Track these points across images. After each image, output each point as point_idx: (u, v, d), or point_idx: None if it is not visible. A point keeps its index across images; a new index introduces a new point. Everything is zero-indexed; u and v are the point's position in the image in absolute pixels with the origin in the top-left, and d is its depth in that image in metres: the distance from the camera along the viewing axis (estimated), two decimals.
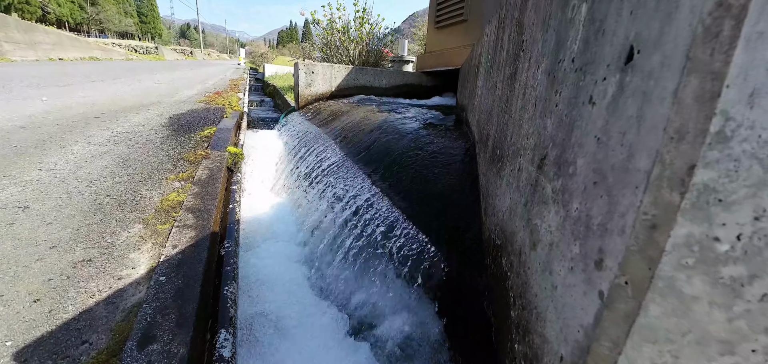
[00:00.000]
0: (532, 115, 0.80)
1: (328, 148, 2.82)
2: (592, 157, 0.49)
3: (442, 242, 1.44)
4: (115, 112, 3.69)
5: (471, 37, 5.18)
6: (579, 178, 0.52)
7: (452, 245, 1.41)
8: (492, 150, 1.33)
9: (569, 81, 0.60)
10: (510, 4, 1.25)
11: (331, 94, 5.58)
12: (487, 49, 1.84)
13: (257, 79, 16.71)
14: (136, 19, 50.15)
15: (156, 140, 2.61)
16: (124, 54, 24.29)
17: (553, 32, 0.71)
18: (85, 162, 2.02)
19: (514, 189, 0.92)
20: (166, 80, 8.28)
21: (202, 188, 1.69)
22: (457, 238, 1.43)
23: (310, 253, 1.82)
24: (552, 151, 0.65)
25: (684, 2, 0.33)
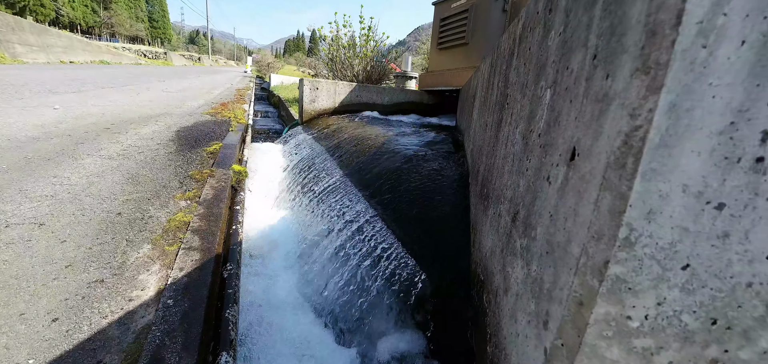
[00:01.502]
0: (511, 169, 0.89)
1: (329, 168, 2.92)
2: (546, 229, 0.57)
3: (434, 270, 1.52)
4: (125, 124, 3.82)
5: (471, 60, 5.32)
6: (537, 244, 0.61)
7: (443, 273, 1.49)
8: (481, 186, 1.41)
9: (536, 153, 0.69)
10: (501, 53, 1.35)
11: (334, 109, 5.71)
12: (482, 86, 1.95)
13: (263, 88, 16.98)
14: (147, 24, 51.29)
15: (164, 156, 2.72)
16: (134, 58, 24.77)
17: (527, 101, 0.81)
18: (97, 178, 2.12)
19: (494, 232, 1.00)
20: (174, 89, 8.46)
21: (207, 208, 1.78)
22: (448, 267, 1.51)
23: (305, 274, 1.90)
24: (522, 210, 0.74)
25: (604, 130, 0.42)
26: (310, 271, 1.86)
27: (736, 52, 0.33)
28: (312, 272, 1.82)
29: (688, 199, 0.37)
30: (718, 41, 0.33)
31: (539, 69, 0.73)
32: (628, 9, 0.39)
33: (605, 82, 0.43)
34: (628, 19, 0.39)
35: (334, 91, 5.68)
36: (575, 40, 0.54)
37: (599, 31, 0.46)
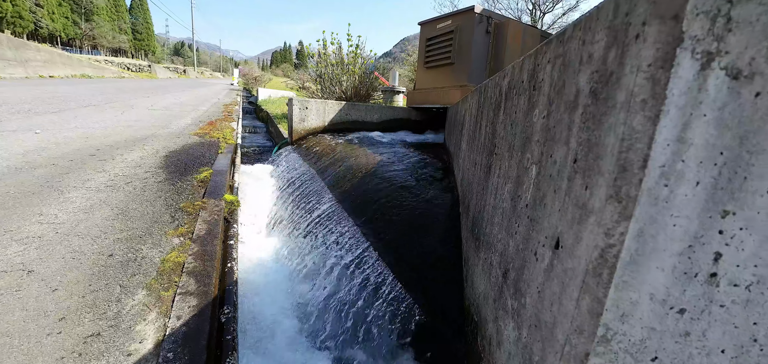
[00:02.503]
0: (501, 224, 0.95)
1: (320, 192, 2.94)
2: (534, 304, 0.63)
3: (427, 304, 1.56)
4: (111, 149, 3.75)
5: (457, 80, 5.48)
6: (527, 313, 0.66)
7: (437, 306, 1.53)
8: (472, 222, 1.47)
9: (524, 222, 0.75)
10: (487, 98, 1.43)
11: (324, 128, 5.75)
12: (470, 120, 2.03)
13: (250, 102, 16.88)
14: (131, 36, 50.38)
15: (153, 186, 2.69)
16: (117, 72, 24.25)
17: (515, 165, 0.87)
18: (85, 214, 2.09)
19: (486, 279, 1.06)
20: (160, 106, 8.34)
21: (201, 246, 1.78)
22: (441, 300, 1.56)
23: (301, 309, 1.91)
24: (512, 271, 0.79)
25: (583, 239, 0.48)
26: (305, 305, 1.87)
27: (693, 191, 0.40)
28: (308, 309, 1.83)
29: (655, 305, 0.43)
30: (677, 182, 0.40)
31: (525, 140, 0.80)
32: (604, 136, 0.46)
33: (584, 192, 0.49)
34: (603, 145, 0.46)
35: (324, 110, 5.73)
36: (558, 133, 0.60)
37: (579, 139, 0.52)
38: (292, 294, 1.99)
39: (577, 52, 0.55)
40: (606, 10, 0.47)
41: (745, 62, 0.36)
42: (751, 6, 0.34)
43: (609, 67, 0.46)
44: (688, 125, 0.38)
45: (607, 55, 0.46)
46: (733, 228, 0.40)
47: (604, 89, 0.46)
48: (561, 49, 0.62)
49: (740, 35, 0.35)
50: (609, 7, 0.47)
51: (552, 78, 0.66)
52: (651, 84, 0.38)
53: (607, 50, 0.47)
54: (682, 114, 0.38)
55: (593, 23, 0.51)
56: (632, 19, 0.41)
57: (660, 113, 0.38)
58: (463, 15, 5.39)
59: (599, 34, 0.49)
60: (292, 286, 2.05)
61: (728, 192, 0.39)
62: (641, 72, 0.39)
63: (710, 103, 0.37)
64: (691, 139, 0.38)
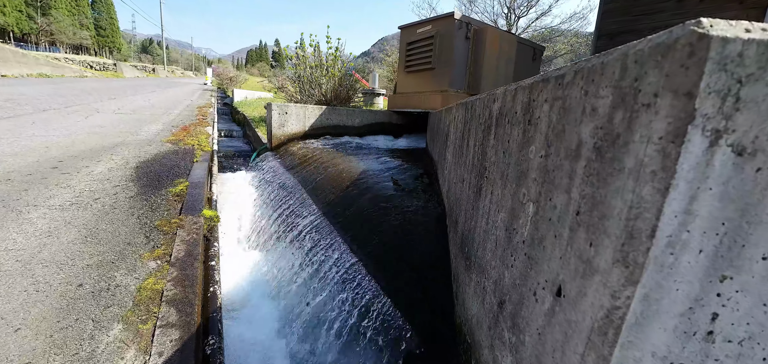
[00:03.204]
0: (494, 251, 0.96)
1: (304, 205, 2.88)
2: (535, 345, 0.64)
3: (417, 319, 1.56)
4: (75, 160, 3.50)
5: (439, 84, 5.54)
6: (527, 352, 0.67)
7: (426, 320, 1.54)
8: (461, 239, 1.48)
9: (521, 258, 0.75)
10: (476, 118, 1.44)
11: (304, 133, 5.65)
12: (455, 132, 2.05)
13: (225, 103, 16.34)
14: (93, 32, 47.27)
15: (124, 202, 2.53)
16: (79, 70, 22.72)
17: (509, 196, 0.88)
18: (49, 237, 1.93)
19: (479, 303, 1.07)
20: (127, 109, 7.89)
21: (180, 269, 1.69)
22: (431, 316, 1.56)
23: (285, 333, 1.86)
24: (509, 304, 0.80)
25: (588, 295, 0.49)
26: (290, 325, 1.82)
27: (696, 259, 0.41)
28: (293, 329, 1.78)
29: (656, 362, 0.44)
30: (682, 250, 0.41)
31: (520, 174, 0.80)
32: (610, 198, 0.46)
33: (588, 248, 0.50)
34: (609, 206, 0.46)
35: (304, 114, 5.63)
36: (558, 178, 0.61)
37: (582, 192, 0.53)
38: (279, 314, 1.93)
39: (579, 102, 0.56)
40: (612, 68, 0.48)
41: (750, 140, 0.37)
42: (759, 86, 0.35)
43: (615, 127, 0.46)
44: (694, 198, 0.39)
45: (613, 115, 0.47)
46: (730, 291, 0.42)
47: (611, 150, 0.47)
48: (560, 93, 0.63)
49: (747, 114, 0.36)
50: (615, 66, 0.47)
51: (550, 119, 0.66)
52: (662, 157, 0.39)
53: (613, 110, 0.47)
54: (690, 187, 0.39)
55: (597, 77, 0.52)
56: (642, 86, 0.42)
57: (670, 186, 0.39)
58: (443, 21, 5.45)
59: (604, 91, 0.49)
60: (278, 305, 1.99)
61: (727, 259, 0.41)
62: (652, 143, 0.40)
63: (716, 178, 0.38)
64: (697, 211, 0.39)
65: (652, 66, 0.41)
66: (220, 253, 2.09)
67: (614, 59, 0.48)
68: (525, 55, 6.36)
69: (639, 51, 0.43)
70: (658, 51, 0.40)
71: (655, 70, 0.40)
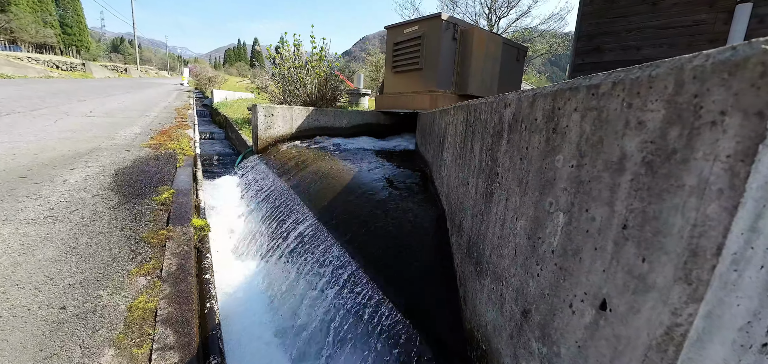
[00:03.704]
0: (513, 259, 0.96)
1: (297, 210, 2.81)
2: (573, 359, 0.63)
3: (423, 324, 1.54)
4: (46, 168, 3.27)
5: (427, 85, 5.56)
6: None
7: (432, 325, 1.52)
8: (468, 244, 1.48)
9: (550, 268, 0.75)
10: (481, 123, 1.44)
11: (291, 135, 5.54)
12: (453, 135, 2.04)
13: (204, 104, 15.83)
14: (59, 30, 44.49)
15: (105, 213, 2.38)
16: (44, 71, 21.34)
17: (531, 205, 0.87)
18: (23, 255, 1.78)
19: (497, 311, 1.06)
20: (100, 112, 7.48)
21: (173, 285, 1.60)
22: (437, 320, 1.55)
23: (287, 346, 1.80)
24: (536, 313, 0.80)
25: (643, 312, 0.48)
26: (292, 337, 1.77)
27: (757, 274, 0.41)
28: (295, 342, 1.73)
29: None
30: (745, 267, 0.40)
31: (545, 183, 0.80)
32: (666, 214, 0.45)
33: (641, 263, 0.49)
34: (665, 223, 0.46)
35: (291, 116, 5.52)
36: (595, 190, 0.60)
37: (629, 206, 0.52)
38: (278, 327, 1.87)
39: (620, 114, 0.55)
40: (662, 82, 0.47)
41: None
42: None
43: (670, 143, 0.46)
44: (760, 216, 0.39)
45: (666, 131, 0.46)
46: None
47: (666, 166, 0.46)
48: (594, 103, 0.62)
49: None
50: (667, 81, 0.47)
51: (582, 129, 0.66)
52: (730, 176, 0.39)
53: (666, 125, 0.46)
54: (756, 205, 0.38)
55: (643, 90, 0.51)
56: (704, 103, 0.41)
57: (738, 205, 0.38)
58: (430, 21, 5.47)
59: (653, 104, 0.49)
60: (276, 316, 1.92)
61: None
62: (719, 161, 0.39)
63: None
64: (762, 229, 0.39)
65: (717, 83, 0.40)
66: (213, 263, 2.00)
67: (665, 73, 0.47)
68: (510, 56, 6.49)
69: (698, 67, 0.43)
70: (724, 68, 0.39)
71: (721, 89, 0.40)
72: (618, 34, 4.97)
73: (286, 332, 1.81)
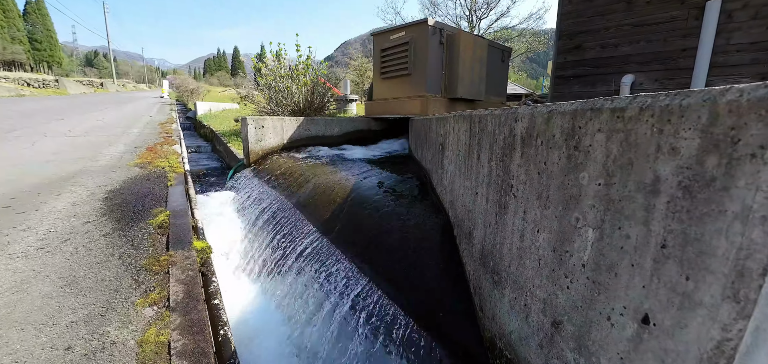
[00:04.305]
0: (537, 270, 0.99)
1: (297, 224, 2.79)
2: None
3: (439, 332, 1.56)
4: (30, 195, 3.13)
5: (416, 90, 5.61)
6: None
7: (449, 334, 1.54)
8: (482, 253, 1.51)
9: (581, 281, 0.78)
10: (488, 134, 1.47)
11: (282, 146, 5.49)
12: (455, 143, 2.08)
13: (188, 117, 15.50)
14: (28, 45, 42.54)
15: (100, 240, 2.30)
16: (15, 89, 20.36)
17: (553, 218, 0.91)
18: (17, 294, 1.70)
19: (521, 320, 1.09)
20: (80, 131, 7.20)
21: (183, 315, 1.56)
22: (454, 329, 1.57)
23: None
24: (569, 325, 0.82)
25: (691, 328, 0.51)
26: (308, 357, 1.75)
27: None
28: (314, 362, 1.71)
29: None
30: None
31: (568, 198, 0.83)
32: (709, 237, 0.49)
33: (684, 281, 0.52)
34: (709, 244, 0.49)
35: (281, 127, 5.47)
36: (628, 209, 0.63)
37: (666, 226, 0.55)
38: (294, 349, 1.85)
39: (651, 139, 0.58)
40: (696, 112, 0.51)
41: None
42: None
43: (708, 170, 0.49)
44: None
45: (703, 159, 0.50)
46: None
47: (705, 192, 0.49)
48: (621, 126, 0.65)
49: None
50: (700, 112, 0.50)
51: (608, 150, 0.69)
52: None
53: (703, 153, 0.50)
54: None
55: (674, 118, 0.54)
56: (742, 136, 0.44)
57: None
58: (417, 27, 5.54)
59: (687, 133, 0.52)
60: (290, 336, 1.90)
61: None
62: (761, 191, 0.43)
63: None
64: None
65: (754, 119, 0.43)
66: (221, 290, 1.96)
67: (698, 104, 0.51)
68: (495, 57, 6.63)
69: (733, 102, 0.46)
70: (761, 105, 0.43)
71: (759, 124, 0.43)
72: (597, 32, 5.15)
73: (302, 351, 1.79)
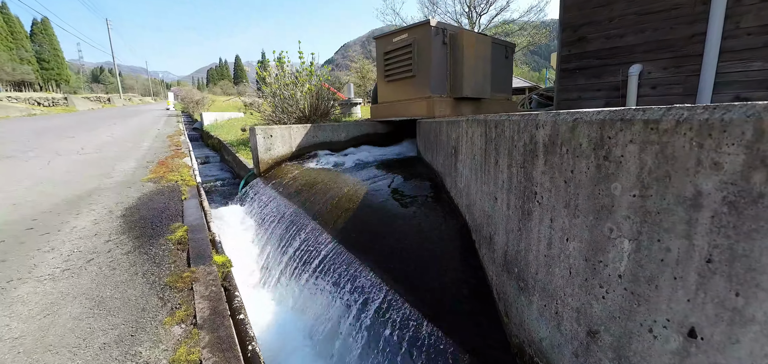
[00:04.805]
0: (567, 278, 0.99)
1: (314, 234, 2.81)
2: None
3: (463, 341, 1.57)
4: (51, 215, 3.21)
5: (421, 91, 5.61)
6: None
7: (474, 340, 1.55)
8: (504, 259, 1.51)
9: (618, 292, 0.78)
10: (505, 140, 1.47)
11: (292, 154, 5.53)
12: (469, 147, 2.08)
13: (195, 128, 15.70)
14: (36, 65, 43.51)
15: (122, 259, 2.35)
16: (26, 109, 20.84)
17: (583, 227, 0.91)
18: (49, 317, 1.75)
19: (552, 327, 1.09)
20: (92, 148, 7.34)
21: (211, 331, 1.59)
22: (478, 335, 1.57)
23: None
24: (606, 335, 0.83)
25: (743, 344, 0.51)
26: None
27: None
28: None
29: None
30: None
31: (600, 208, 0.83)
32: (758, 253, 0.49)
33: (734, 297, 0.52)
34: (758, 261, 0.49)
35: (289, 135, 5.52)
36: (667, 222, 0.63)
37: (712, 241, 0.55)
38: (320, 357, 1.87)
39: (690, 153, 0.59)
40: (739, 128, 0.51)
41: None
42: None
43: (754, 187, 0.49)
44: None
45: (749, 175, 0.50)
46: None
47: (752, 208, 0.49)
48: (656, 138, 0.65)
49: None
50: (744, 127, 0.50)
51: (642, 162, 0.69)
52: None
53: (748, 169, 0.50)
54: None
55: (715, 132, 0.54)
56: None
57: None
58: (419, 28, 5.53)
59: (731, 148, 0.52)
60: (314, 348, 1.92)
61: None
62: None
63: None
64: None
65: None
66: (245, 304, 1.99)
67: (741, 119, 0.51)
68: (499, 54, 6.60)
69: None
70: None
71: None
72: (601, 23, 5.08)
73: (330, 356, 1.81)
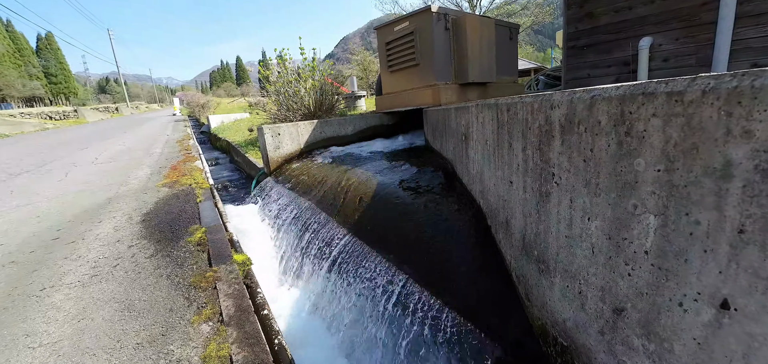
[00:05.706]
0: (592, 258, 0.99)
1: (329, 229, 2.85)
2: (693, 355, 0.66)
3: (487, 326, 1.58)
4: (73, 225, 3.32)
5: (426, 80, 5.55)
6: (679, 361, 0.69)
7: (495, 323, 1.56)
8: (522, 242, 1.51)
9: (645, 268, 0.78)
10: (519, 122, 1.46)
11: (300, 151, 5.56)
12: (481, 133, 2.07)
13: (202, 131, 15.90)
14: (45, 80, 44.49)
15: (146, 263, 2.42)
16: (39, 124, 21.38)
17: (605, 205, 0.90)
18: (82, 321, 1.83)
19: (576, 307, 1.10)
20: (105, 158, 7.51)
21: (238, 328, 1.64)
22: (499, 318, 1.59)
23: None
24: (633, 311, 0.83)
25: None
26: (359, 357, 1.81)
27: None
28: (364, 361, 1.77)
29: None
30: None
31: (623, 185, 0.83)
32: None
33: None
34: None
35: (297, 132, 5.54)
36: (696, 195, 0.63)
37: (744, 211, 0.55)
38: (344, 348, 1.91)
39: (718, 122, 0.58)
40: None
41: None
42: None
43: None
44: None
45: None
46: None
47: None
48: (680, 110, 0.65)
49: None
50: None
51: (667, 135, 0.68)
52: None
53: None
54: None
55: (745, 100, 0.54)
56: None
57: None
58: (420, 15, 5.45)
59: (763, 115, 0.51)
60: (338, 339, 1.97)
61: None
62: None
63: None
64: None
65: None
66: (266, 297, 2.04)
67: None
68: (503, 36, 6.48)
69: None
70: None
71: None
72: None
73: (353, 349, 1.85)
